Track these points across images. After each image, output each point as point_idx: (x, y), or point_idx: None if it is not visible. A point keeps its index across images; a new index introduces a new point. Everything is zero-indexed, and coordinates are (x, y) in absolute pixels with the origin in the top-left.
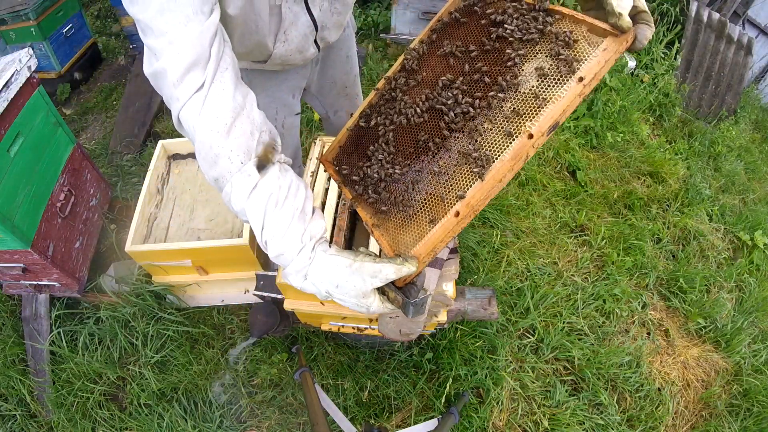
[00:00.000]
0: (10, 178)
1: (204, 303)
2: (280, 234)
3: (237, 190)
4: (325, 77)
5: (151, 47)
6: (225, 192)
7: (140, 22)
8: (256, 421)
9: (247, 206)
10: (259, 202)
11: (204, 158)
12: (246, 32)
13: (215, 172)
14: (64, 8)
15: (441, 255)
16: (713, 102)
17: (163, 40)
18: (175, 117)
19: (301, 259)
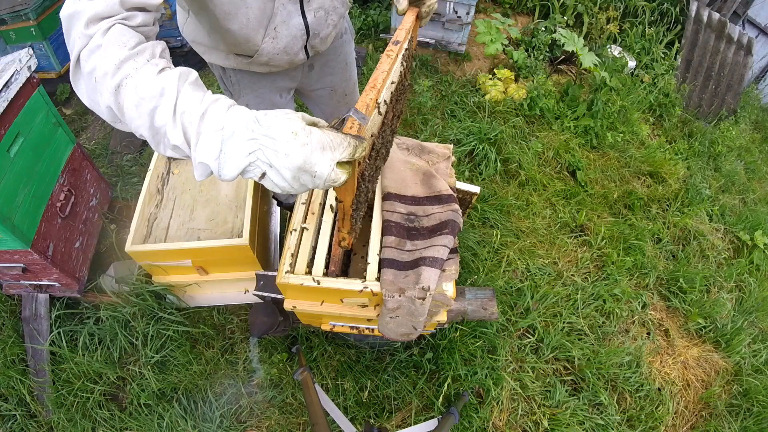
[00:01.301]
0: (10, 178)
1: (204, 303)
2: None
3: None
4: (324, 85)
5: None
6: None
7: None
8: (256, 421)
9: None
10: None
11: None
12: (232, 21)
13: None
14: None
15: (441, 255)
16: (713, 102)
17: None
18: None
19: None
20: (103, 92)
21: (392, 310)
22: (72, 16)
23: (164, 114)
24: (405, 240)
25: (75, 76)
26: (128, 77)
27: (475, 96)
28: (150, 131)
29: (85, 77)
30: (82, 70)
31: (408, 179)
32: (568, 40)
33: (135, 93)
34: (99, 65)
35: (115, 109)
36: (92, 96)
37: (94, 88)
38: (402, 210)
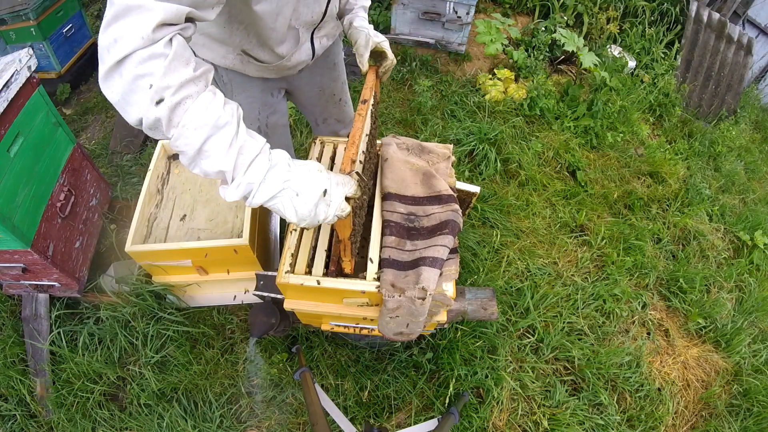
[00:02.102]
0: (10, 178)
1: (204, 303)
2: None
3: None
4: (312, 85)
5: None
6: (186, 111)
7: None
8: (256, 421)
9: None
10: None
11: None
12: (263, 37)
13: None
14: (64, 8)
15: (441, 255)
16: (713, 102)
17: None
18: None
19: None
20: (153, 101)
21: (392, 310)
22: (132, 9)
23: (220, 143)
24: (405, 240)
25: (112, 70)
26: (189, 98)
27: (475, 96)
28: (195, 151)
29: (129, 77)
30: (126, 67)
31: (408, 179)
32: (568, 40)
33: (197, 117)
34: (160, 76)
35: (164, 121)
36: (128, 96)
37: (134, 90)
38: (402, 210)
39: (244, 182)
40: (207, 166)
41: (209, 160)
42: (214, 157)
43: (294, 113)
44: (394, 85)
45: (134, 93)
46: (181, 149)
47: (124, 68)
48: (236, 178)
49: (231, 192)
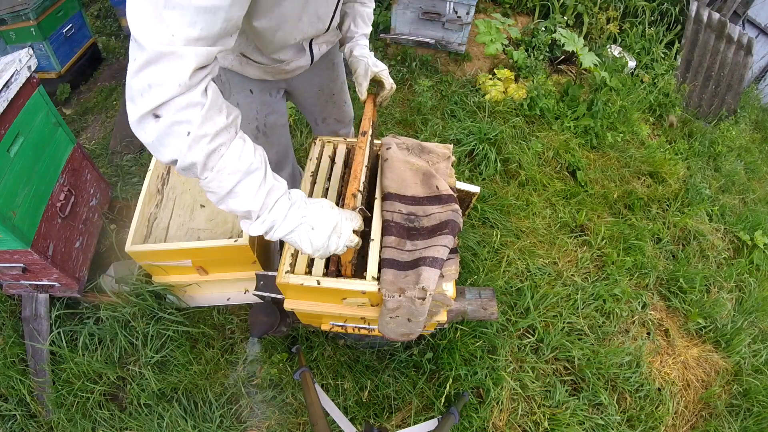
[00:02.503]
0: (10, 178)
1: (204, 303)
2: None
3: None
4: (311, 85)
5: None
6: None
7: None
8: (256, 421)
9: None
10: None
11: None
12: (261, 46)
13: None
14: (64, 8)
15: (441, 255)
16: (713, 102)
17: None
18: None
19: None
20: (191, 148)
21: (392, 310)
22: (166, 56)
23: (250, 186)
24: (405, 240)
25: (147, 115)
26: (223, 146)
27: (475, 96)
28: (225, 192)
29: (166, 123)
30: (164, 114)
31: (408, 179)
32: (568, 40)
33: (231, 163)
34: (198, 125)
35: (200, 166)
36: (164, 140)
37: (171, 135)
38: (402, 210)
39: (268, 220)
40: (235, 205)
41: (238, 200)
42: (243, 198)
43: (294, 113)
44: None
45: (170, 137)
46: (213, 190)
47: (161, 114)
48: (261, 215)
49: (255, 227)
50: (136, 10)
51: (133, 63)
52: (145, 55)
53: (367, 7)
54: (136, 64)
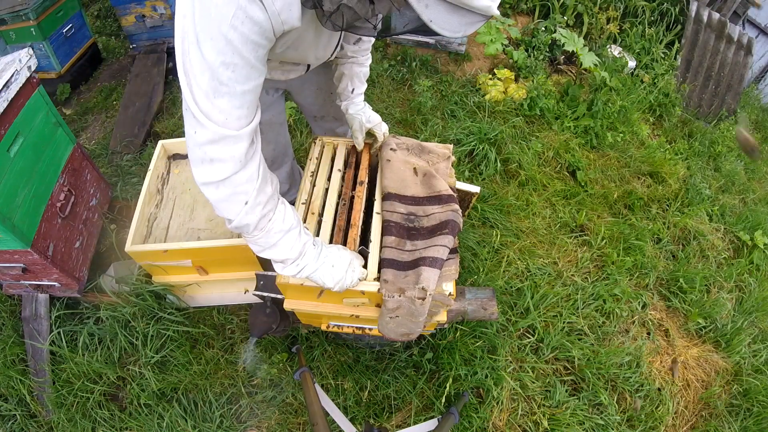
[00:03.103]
0: (10, 178)
1: (204, 303)
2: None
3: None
4: (310, 84)
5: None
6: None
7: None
8: (256, 421)
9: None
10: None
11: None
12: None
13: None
14: (64, 8)
15: (441, 255)
16: (713, 102)
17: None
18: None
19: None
20: (248, 213)
21: (392, 310)
22: (228, 138)
23: (289, 240)
24: (405, 240)
25: (211, 184)
26: (271, 212)
27: (475, 96)
28: (269, 246)
29: (227, 192)
30: (226, 185)
31: (408, 179)
32: (568, 40)
33: (277, 225)
34: (254, 196)
35: (252, 227)
36: (225, 204)
37: (231, 201)
38: (402, 210)
39: (301, 263)
40: (274, 254)
41: (277, 250)
42: (283, 249)
43: (294, 113)
44: (394, 85)
45: (231, 204)
46: (259, 244)
47: (224, 185)
48: (296, 261)
49: (289, 270)
50: (195, 90)
51: (194, 136)
52: (209, 135)
53: (364, 67)
54: (198, 138)
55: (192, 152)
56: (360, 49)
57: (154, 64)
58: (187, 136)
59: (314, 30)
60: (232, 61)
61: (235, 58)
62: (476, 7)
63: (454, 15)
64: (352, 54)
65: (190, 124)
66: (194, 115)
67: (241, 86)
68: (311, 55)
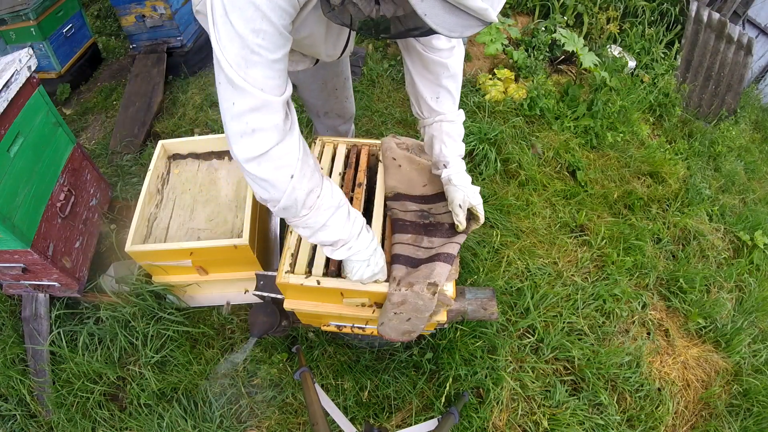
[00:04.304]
0: (10, 178)
1: (204, 303)
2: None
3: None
4: (315, 78)
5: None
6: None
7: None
8: (256, 421)
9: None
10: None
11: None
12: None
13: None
14: (64, 8)
15: (453, 252)
16: (713, 102)
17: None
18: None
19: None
20: (295, 189)
21: (396, 304)
22: (268, 104)
23: (339, 219)
24: (422, 237)
25: (252, 159)
26: (318, 187)
27: (475, 96)
28: (319, 226)
29: (271, 167)
30: (267, 159)
31: (414, 179)
32: (568, 40)
33: (326, 200)
34: (299, 168)
35: (300, 203)
36: (270, 181)
37: (276, 177)
38: (414, 208)
39: (354, 246)
40: (325, 236)
41: (329, 231)
42: (334, 230)
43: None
44: (394, 85)
45: (277, 179)
46: (309, 225)
47: (266, 159)
48: (348, 242)
49: (341, 253)
50: (228, 61)
51: (232, 108)
52: (248, 102)
53: (456, 125)
54: (237, 108)
55: (231, 127)
56: (441, 100)
57: (154, 64)
58: (224, 111)
59: (326, 26)
60: (261, 27)
61: (264, 24)
62: (472, 8)
63: (451, 15)
64: (437, 108)
65: (227, 97)
66: (233, 84)
67: (272, 54)
68: (322, 50)
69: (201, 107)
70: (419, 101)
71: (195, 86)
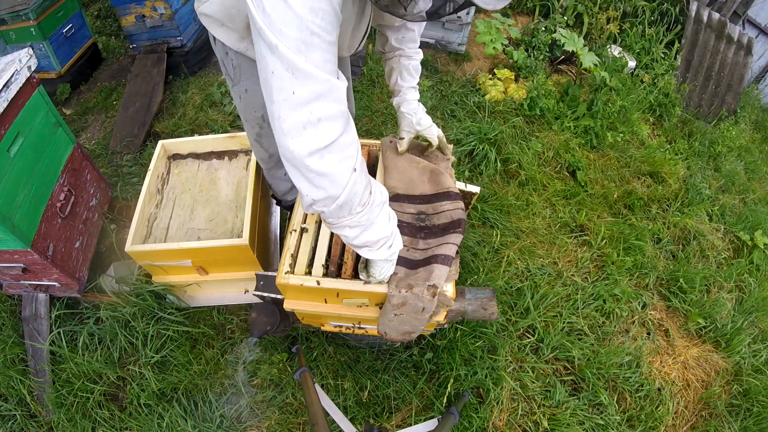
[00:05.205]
0: (10, 178)
1: (204, 303)
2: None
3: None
4: None
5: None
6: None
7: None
8: (256, 421)
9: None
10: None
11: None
12: None
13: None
14: (64, 8)
15: (451, 253)
16: (713, 102)
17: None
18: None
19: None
20: (356, 183)
21: (396, 306)
22: (334, 89)
23: (384, 215)
24: (418, 239)
25: (316, 152)
26: (371, 182)
27: (475, 96)
28: (369, 223)
29: (335, 159)
30: (332, 150)
31: (415, 179)
32: (568, 40)
33: (378, 195)
34: (359, 162)
35: (357, 198)
36: (331, 176)
37: (339, 170)
38: (412, 210)
39: (395, 245)
40: (370, 235)
41: (374, 230)
42: (379, 228)
43: None
44: None
45: (339, 173)
46: (361, 223)
47: (330, 152)
48: (389, 241)
49: (380, 253)
50: (286, 45)
51: (293, 97)
52: (313, 88)
53: (413, 60)
54: (299, 97)
55: (291, 119)
56: (405, 39)
57: (154, 64)
58: (280, 104)
59: (356, 17)
60: (320, 6)
61: (322, 3)
62: None
63: None
64: (398, 46)
65: (285, 86)
66: (294, 70)
67: (329, 36)
68: (345, 42)
69: (201, 107)
70: (384, 42)
71: (195, 86)
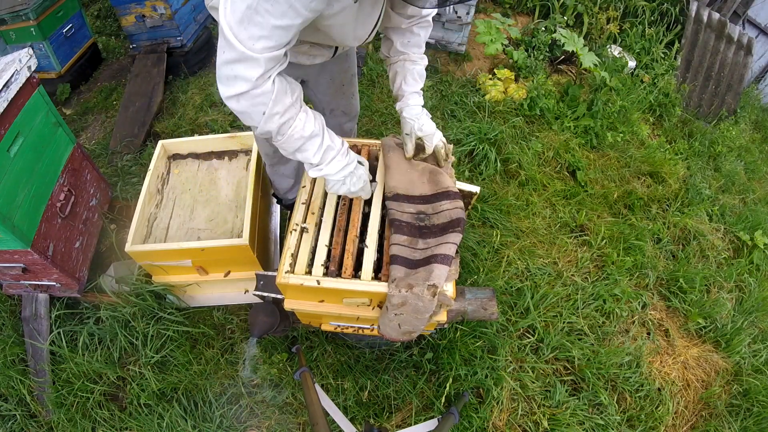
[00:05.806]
0: (10, 178)
1: (204, 303)
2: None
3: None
4: (324, 74)
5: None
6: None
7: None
8: (256, 421)
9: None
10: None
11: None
12: (299, 47)
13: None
14: (64, 8)
15: (450, 252)
16: (713, 102)
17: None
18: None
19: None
20: (267, 122)
21: (397, 306)
22: (248, 59)
23: (313, 146)
24: (417, 239)
25: (234, 97)
26: (291, 119)
27: (475, 96)
28: (294, 149)
29: (247, 104)
30: (245, 98)
31: (415, 179)
32: (568, 40)
33: (298, 131)
34: (270, 106)
35: (273, 133)
36: (246, 114)
37: (252, 113)
38: (411, 210)
39: (324, 170)
40: (302, 157)
41: (304, 154)
42: (308, 153)
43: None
44: None
45: (252, 114)
46: (284, 148)
47: (243, 99)
48: (320, 166)
49: (313, 173)
50: (230, 16)
51: (222, 55)
52: (236, 54)
53: (417, 65)
54: (225, 57)
55: (220, 70)
56: (410, 44)
57: (154, 64)
58: (218, 58)
59: (369, 4)
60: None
61: None
62: None
63: None
64: (403, 50)
65: (221, 46)
66: (226, 37)
67: (275, 20)
68: (351, 33)
69: (201, 107)
70: (389, 46)
71: (195, 86)
